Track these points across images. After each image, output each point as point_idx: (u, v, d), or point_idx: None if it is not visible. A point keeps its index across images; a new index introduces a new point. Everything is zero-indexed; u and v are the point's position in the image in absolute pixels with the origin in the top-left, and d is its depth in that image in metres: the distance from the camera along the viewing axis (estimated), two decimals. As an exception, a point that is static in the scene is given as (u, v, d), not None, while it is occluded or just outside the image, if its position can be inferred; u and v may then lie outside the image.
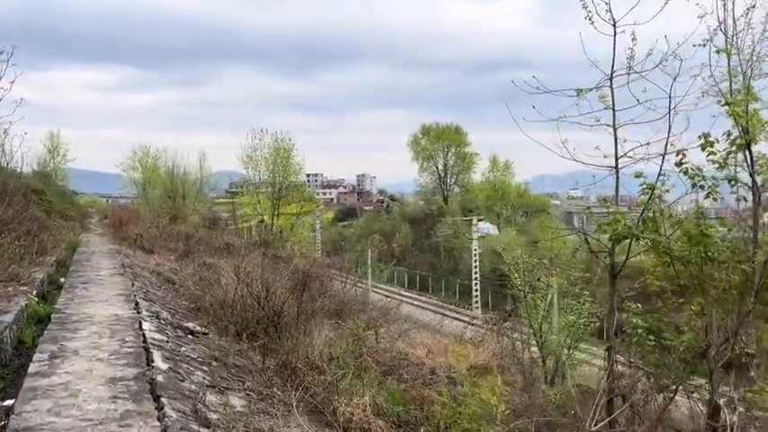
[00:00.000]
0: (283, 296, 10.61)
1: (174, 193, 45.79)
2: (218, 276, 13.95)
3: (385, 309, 21.00)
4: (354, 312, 16.77)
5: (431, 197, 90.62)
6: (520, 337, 12.56)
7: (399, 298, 42.29)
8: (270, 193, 28.49)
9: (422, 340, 12.32)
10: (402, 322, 19.17)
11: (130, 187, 58.54)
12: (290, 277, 17.46)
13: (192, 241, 23.63)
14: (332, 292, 17.58)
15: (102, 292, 10.64)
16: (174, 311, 10.27)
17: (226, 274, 13.39)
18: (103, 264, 15.72)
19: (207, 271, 14.77)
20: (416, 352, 10.92)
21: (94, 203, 77.82)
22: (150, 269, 16.46)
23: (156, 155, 53.52)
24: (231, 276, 12.67)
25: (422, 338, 13.00)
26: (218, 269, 15.79)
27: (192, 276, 15.19)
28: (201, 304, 10.83)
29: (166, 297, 11.88)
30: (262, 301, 9.57)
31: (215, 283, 11.95)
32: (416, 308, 45.92)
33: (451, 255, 70.63)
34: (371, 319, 16.58)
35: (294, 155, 28.84)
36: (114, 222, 31.05)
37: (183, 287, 14.11)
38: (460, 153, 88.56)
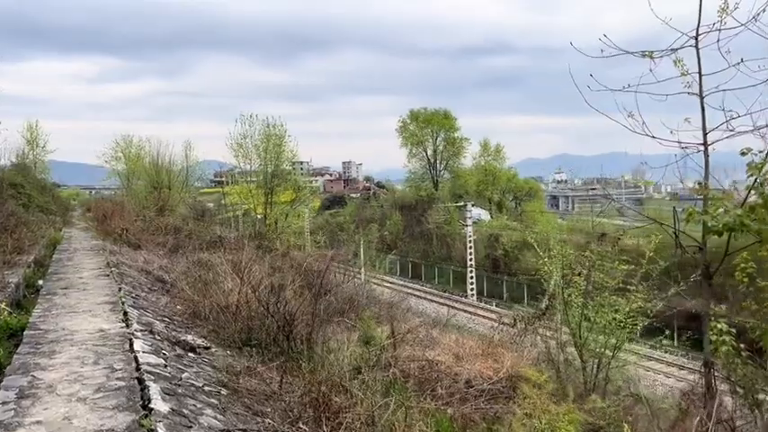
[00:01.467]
0: (294, 300, 9.33)
1: (159, 184, 44.14)
2: (216, 275, 12.61)
3: (390, 303, 19.84)
4: (360, 308, 15.55)
5: (420, 183, 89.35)
6: (553, 336, 11.37)
7: (399, 288, 41.19)
8: (261, 182, 27.05)
9: (446, 342, 11.10)
10: (411, 317, 18.01)
11: (114, 179, 56.67)
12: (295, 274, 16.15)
13: (182, 235, 22.20)
14: (338, 289, 16.33)
15: (84, 299, 9.27)
16: (170, 320, 8.93)
17: (225, 274, 12.06)
18: (86, 263, 14.30)
19: (202, 269, 13.40)
20: (443, 358, 9.70)
21: (77, 196, 75.87)
22: (138, 267, 15.06)
23: (140, 145, 51.75)
24: (232, 276, 11.35)
25: (442, 338, 11.79)
26: (214, 267, 14.44)
27: (186, 276, 13.83)
28: (199, 309, 9.51)
29: (159, 302, 10.52)
30: (271, 307, 8.27)
31: (213, 284, 10.61)
32: (418, 298, 44.90)
33: (444, 241, 69.57)
34: (380, 317, 15.37)
35: (286, 141, 27.42)
36: (98, 216, 29.50)
37: (177, 288, 12.77)
38: (450, 138, 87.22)
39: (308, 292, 11.17)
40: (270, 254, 21.11)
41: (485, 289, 57.34)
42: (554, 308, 11.60)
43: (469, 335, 24.50)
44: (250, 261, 17.09)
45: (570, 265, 10.86)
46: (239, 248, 20.70)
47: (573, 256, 10.95)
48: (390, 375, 8.06)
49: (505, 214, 79.79)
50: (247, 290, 8.90)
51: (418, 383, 8.58)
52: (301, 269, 16.99)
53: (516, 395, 8.57)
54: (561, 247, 11.76)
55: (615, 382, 10.34)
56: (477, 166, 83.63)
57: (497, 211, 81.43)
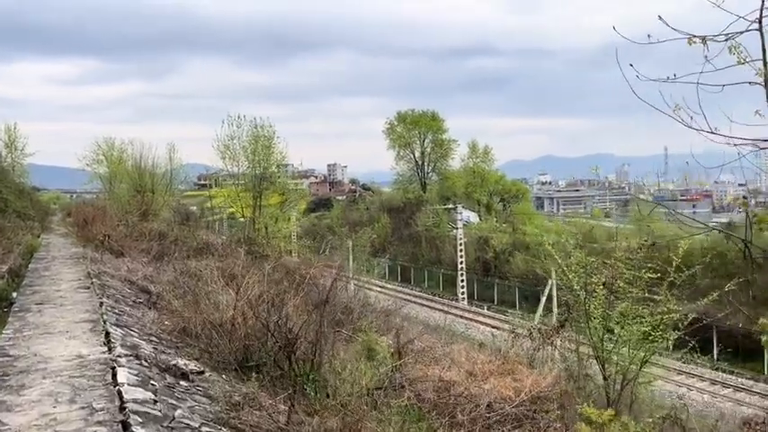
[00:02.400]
0: (296, 315, 8.48)
1: (142, 187, 42.96)
2: (206, 287, 11.71)
3: (387, 311, 19.03)
4: (357, 317, 14.74)
5: (408, 185, 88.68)
6: (571, 349, 10.59)
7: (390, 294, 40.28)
8: (250, 185, 26.05)
9: (456, 356, 10.30)
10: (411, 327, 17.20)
11: (96, 182, 55.22)
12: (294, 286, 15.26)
13: (167, 241, 21.20)
14: (334, 298, 15.48)
15: (61, 316, 8.34)
16: (157, 340, 8.04)
17: (217, 285, 11.17)
18: (65, 273, 13.33)
19: (191, 279, 12.48)
20: (457, 377, 8.91)
21: (58, 200, 74.20)
22: (121, 277, 14.10)
23: (123, 147, 50.44)
24: (225, 288, 10.46)
25: (451, 351, 11.00)
26: (204, 277, 13.53)
27: (174, 287, 12.91)
28: (190, 326, 8.61)
29: (145, 318, 9.61)
30: (272, 327, 7.41)
31: (205, 297, 9.71)
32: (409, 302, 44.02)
33: (433, 244, 68.77)
34: (379, 327, 14.56)
35: (275, 143, 26.45)
36: (78, 221, 28.36)
37: (164, 301, 11.85)
38: (437, 140, 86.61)
39: (308, 304, 10.33)
40: (261, 260, 20.20)
41: (475, 292, 56.63)
42: (574, 319, 10.83)
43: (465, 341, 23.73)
44: (244, 271, 16.19)
45: (591, 272, 10.09)
46: (229, 255, 19.80)
47: (594, 263, 10.16)
48: (405, 399, 7.25)
49: (494, 216, 79.32)
50: (244, 305, 8.03)
51: (434, 407, 7.78)
52: (300, 279, 16.13)
53: (542, 419, 7.80)
54: (580, 253, 10.95)
55: (642, 400, 9.59)
56: (466, 168, 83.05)
57: (486, 214, 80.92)
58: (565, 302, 10.86)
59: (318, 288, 13.02)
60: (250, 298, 8.42)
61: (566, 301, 10.77)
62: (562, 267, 10.85)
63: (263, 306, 8.06)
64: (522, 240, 58.01)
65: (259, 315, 7.63)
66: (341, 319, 13.55)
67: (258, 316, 7.63)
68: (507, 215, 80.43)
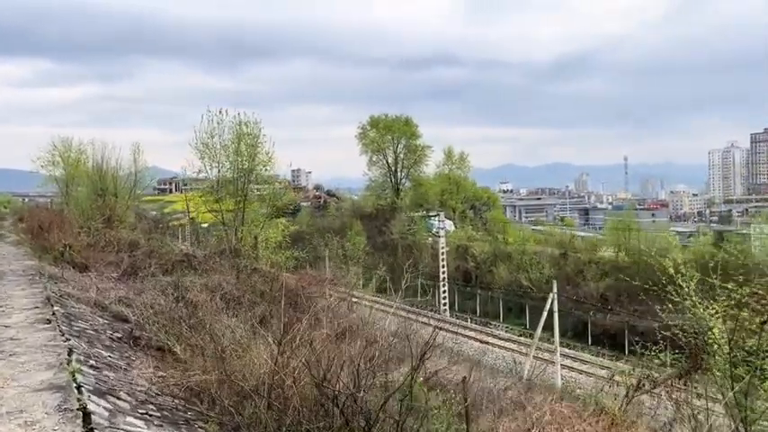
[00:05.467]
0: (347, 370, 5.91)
1: (104, 191, 39.51)
2: (205, 315, 9.05)
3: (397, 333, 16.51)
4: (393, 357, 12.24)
5: (381, 192, 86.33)
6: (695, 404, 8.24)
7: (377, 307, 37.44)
8: (231, 189, 23.19)
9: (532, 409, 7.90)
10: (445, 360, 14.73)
11: (51, 185, 51.21)
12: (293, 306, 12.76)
13: (139, 252, 18.25)
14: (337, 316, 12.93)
15: (11, 377, 5.59)
16: (159, 414, 5.36)
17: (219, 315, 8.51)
18: (18, 296, 10.42)
19: (188, 308, 9.76)
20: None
21: (9, 203, 69.35)
22: (90, 300, 11.24)
23: (81, 148, 46.68)
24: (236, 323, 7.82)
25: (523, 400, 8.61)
26: (196, 301, 10.81)
27: (156, 313, 10.17)
28: (203, 385, 5.96)
29: (132, 369, 6.90)
30: (347, 401, 4.83)
31: (211, 337, 7.05)
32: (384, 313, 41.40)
33: (410, 253, 66.38)
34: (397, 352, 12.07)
35: (262, 142, 23.60)
36: (33, 228, 25.02)
37: (147, 333, 9.12)
38: (411, 145, 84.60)
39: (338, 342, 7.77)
40: (250, 276, 17.44)
41: (456, 303, 54.48)
42: (700, 367, 8.48)
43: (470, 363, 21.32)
44: (241, 292, 13.55)
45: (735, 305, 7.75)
46: (213, 270, 17.01)
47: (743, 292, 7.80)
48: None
49: (469, 224, 77.53)
50: (292, 361, 5.43)
51: None
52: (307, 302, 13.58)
53: None
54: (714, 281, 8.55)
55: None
56: (441, 175, 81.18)
57: (460, 221, 79.10)
58: (686, 345, 8.47)
59: (339, 317, 10.50)
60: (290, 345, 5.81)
61: (689, 344, 8.39)
62: (689, 299, 8.49)
63: (319, 362, 5.46)
64: (503, 250, 56.23)
65: (321, 382, 5.04)
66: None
67: (320, 382, 5.04)
68: (483, 223, 78.74)
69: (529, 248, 55.09)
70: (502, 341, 38.22)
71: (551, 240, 60.52)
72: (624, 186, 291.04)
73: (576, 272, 47.80)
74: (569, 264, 49.83)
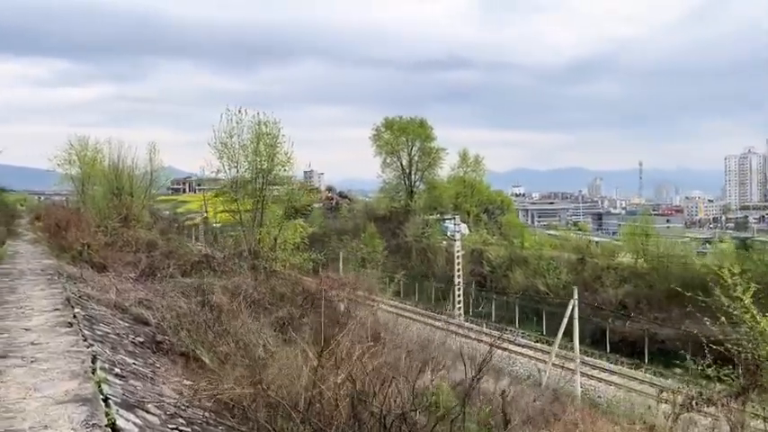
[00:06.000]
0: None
1: (120, 190, 39.54)
2: (232, 320, 8.72)
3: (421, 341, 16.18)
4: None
5: (394, 194, 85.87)
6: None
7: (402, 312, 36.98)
8: (250, 190, 22.89)
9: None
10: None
11: (67, 184, 51.42)
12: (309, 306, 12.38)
13: (157, 252, 17.99)
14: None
15: (34, 387, 5.27)
16: (193, 428, 5.01)
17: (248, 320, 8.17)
18: (37, 297, 10.16)
19: (213, 312, 9.44)
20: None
21: (25, 201, 69.81)
22: (110, 302, 10.97)
23: (97, 147, 46.84)
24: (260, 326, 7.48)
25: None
26: (217, 305, 10.49)
27: (177, 316, 9.88)
28: (236, 398, 5.60)
29: (156, 376, 6.57)
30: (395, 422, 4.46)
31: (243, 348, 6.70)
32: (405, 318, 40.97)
33: (424, 256, 65.91)
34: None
35: (281, 142, 23.26)
36: (50, 226, 24.92)
37: (170, 338, 8.83)
38: (426, 148, 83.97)
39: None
40: (269, 277, 17.14)
41: (471, 307, 53.85)
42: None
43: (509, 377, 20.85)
44: (260, 294, 13.22)
45: None
46: (232, 271, 16.72)
47: None
48: None
49: (483, 228, 76.86)
50: (331, 374, 5.07)
51: None
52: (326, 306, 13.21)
53: None
54: None
55: None
56: (456, 178, 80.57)
57: (474, 225, 78.44)
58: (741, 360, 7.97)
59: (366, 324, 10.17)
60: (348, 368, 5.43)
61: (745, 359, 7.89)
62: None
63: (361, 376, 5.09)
64: (519, 254, 55.60)
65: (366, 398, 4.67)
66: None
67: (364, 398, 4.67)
68: (498, 227, 78.01)
69: (545, 253, 54.43)
70: (519, 347, 37.63)
71: (567, 245, 59.81)
72: (638, 191, 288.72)
73: (594, 278, 47.10)
74: (587, 269, 49.14)
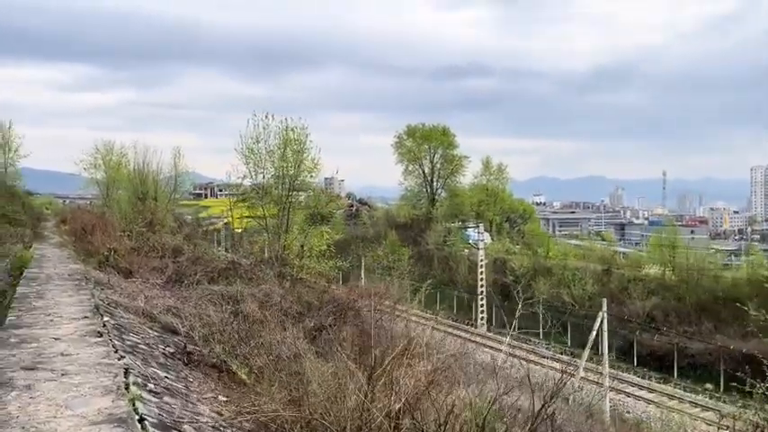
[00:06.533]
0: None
1: (144, 194, 39.67)
2: (266, 332, 8.37)
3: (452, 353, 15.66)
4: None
5: (416, 201, 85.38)
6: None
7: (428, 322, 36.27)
8: (276, 196, 22.58)
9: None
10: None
11: (92, 188, 51.88)
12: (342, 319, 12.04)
13: (184, 258, 17.76)
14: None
15: (65, 405, 4.94)
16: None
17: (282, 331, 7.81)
18: (65, 304, 9.91)
19: (246, 323, 9.11)
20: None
21: (50, 205, 70.60)
22: (138, 310, 10.69)
23: (122, 152, 47.21)
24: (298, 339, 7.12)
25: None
26: (251, 315, 10.15)
27: (205, 324, 9.55)
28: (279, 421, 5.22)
29: (190, 392, 6.23)
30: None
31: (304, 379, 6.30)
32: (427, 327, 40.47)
33: (446, 264, 65.21)
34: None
35: (308, 147, 22.92)
36: (76, 230, 24.91)
37: (200, 348, 8.50)
38: (448, 155, 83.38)
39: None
40: (296, 285, 16.81)
41: (494, 317, 53.17)
42: None
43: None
44: (286, 302, 12.90)
45: None
46: (259, 278, 16.42)
47: None
48: None
49: (506, 237, 76.04)
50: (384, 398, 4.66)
51: None
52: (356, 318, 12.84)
53: None
54: None
55: None
56: (478, 186, 79.84)
57: (497, 234, 77.64)
58: None
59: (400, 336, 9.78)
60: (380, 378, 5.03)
61: None
62: None
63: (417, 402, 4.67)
64: (543, 264, 54.77)
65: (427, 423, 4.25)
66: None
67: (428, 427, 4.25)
68: (520, 236, 77.11)
69: (570, 263, 53.54)
70: (544, 359, 36.90)
71: (592, 256, 58.83)
72: (662, 202, 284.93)
73: (621, 289, 46.13)
74: (613, 280, 48.19)
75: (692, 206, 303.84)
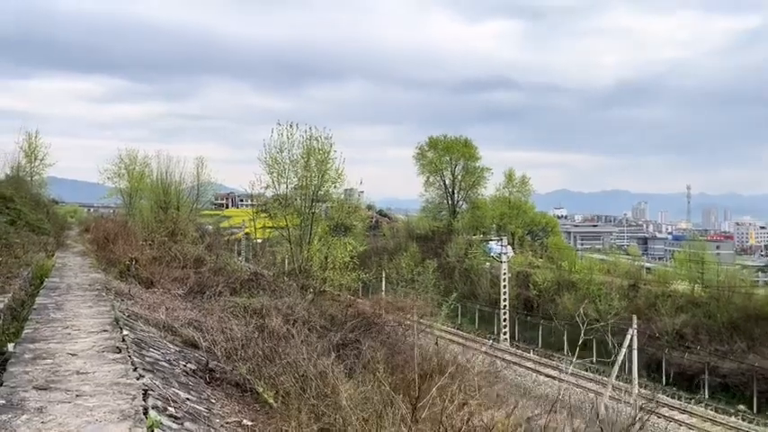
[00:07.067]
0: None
1: (166, 203, 39.67)
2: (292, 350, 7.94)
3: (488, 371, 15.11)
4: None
5: (437, 213, 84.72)
6: None
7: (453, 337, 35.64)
8: (299, 207, 22.24)
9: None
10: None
11: (116, 197, 52.36)
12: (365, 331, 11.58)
13: (206, 269, 17.44)
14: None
15: (78, 430, 4.53)
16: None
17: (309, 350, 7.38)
18: (84, 316, 9.57)
19: (271, 339, 8.68)
20: None
21: (75, 213, 71.36)
22: (159, 322, 10.33)
23: (145, 161, 47.54)
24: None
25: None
26: (276, 331, 9.74)
27: (228, 339, 9.16)
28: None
29: (213, 417, 5.79)
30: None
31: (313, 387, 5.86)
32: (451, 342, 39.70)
33: (467, 277, 64.34)
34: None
35: (332, 157, 22.56)
36: (98, 238, 24.82)
37: (222, 365, 8.10)
38: (470, 167, 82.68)
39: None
40: (319, 298, 16.39)
41: (516, 332, 52.19)
42: None
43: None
44: (307, 314, 12.46)
45: None
46: (281, 291, 16.02)
47: None
48: None
49: (528, 250, 74.97)
50: None
51: None
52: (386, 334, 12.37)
53: None
54: None
55: None
56: (500, 198, 79.01)
57: (519, 247, 76.61)
58: None
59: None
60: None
61: None
62: None
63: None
64: (567, 278, 53.73)
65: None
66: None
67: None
68: (543, 249, 75.99)
69: (595, 278, 52.44)
70: (570, 376, 35.96)
71: (617, 270, 57.65)
72: (686, 216, 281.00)
73: (648, 305, 44.97)
74: (640, 296, 47.04)
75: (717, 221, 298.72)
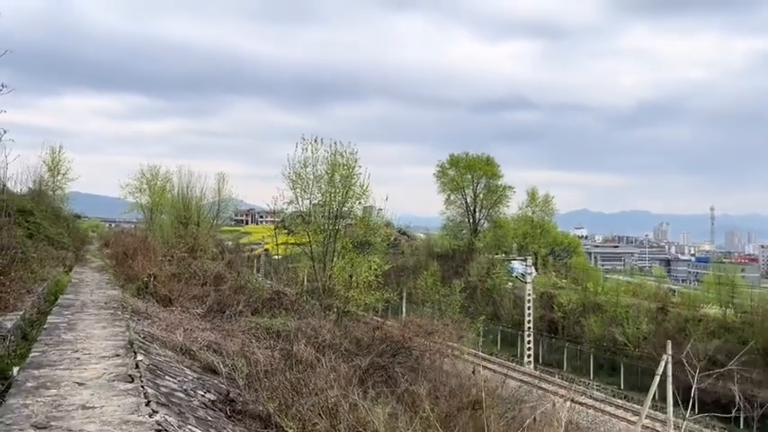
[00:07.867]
0: None
1: (187, 219, 39.36)
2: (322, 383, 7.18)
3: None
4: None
5: (458, 231, 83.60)
6: None
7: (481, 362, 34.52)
8: (322, 223, 21.63)
9: None
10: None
11: (137, 212, 52.27)
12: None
13: (226, 287, 16.78)
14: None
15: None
16: None
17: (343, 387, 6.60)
18: (96, 338, 8.91)
19: (299, 367, 7.93)
20: None
21: (97, 228, 71.60)
22: (176, 345, 9.65)
23: (167, 177, 47.40)
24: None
25: None
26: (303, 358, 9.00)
27: (250, 364, 8.43)
28: None
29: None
30: None
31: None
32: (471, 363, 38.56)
33: (489, 297, 63.09)
34: None
35: (357, 173, 21.94)
36: (117, 253, 24.35)
37: (246, 395, 7.35)
38: (492, 186, 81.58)
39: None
40: (343, 318, 15.63)
41: (540, 355, 50.77)
42: None
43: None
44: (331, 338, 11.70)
45: None
46: (304, 311, 15.29)
47: None
48: None
49: (552, 270, 73.55)
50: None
51: None
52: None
53: None
54: None
55: None
56: (523, 217, 77.84)
57: (542, 267, 75.22)
58: None
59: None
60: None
61: None
62: None
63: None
64: (593, 300, 52.31)
65: None
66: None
67: None
68: (566, 269, 74.54)
69: (622, 300, 50.98)
70: (598, 402, 34.64)
71: (643, 292, 56.09)
72: (710, 238, 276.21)
73: (678, 329, 43.43)
74: (669, 320, 45.53)
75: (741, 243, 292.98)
